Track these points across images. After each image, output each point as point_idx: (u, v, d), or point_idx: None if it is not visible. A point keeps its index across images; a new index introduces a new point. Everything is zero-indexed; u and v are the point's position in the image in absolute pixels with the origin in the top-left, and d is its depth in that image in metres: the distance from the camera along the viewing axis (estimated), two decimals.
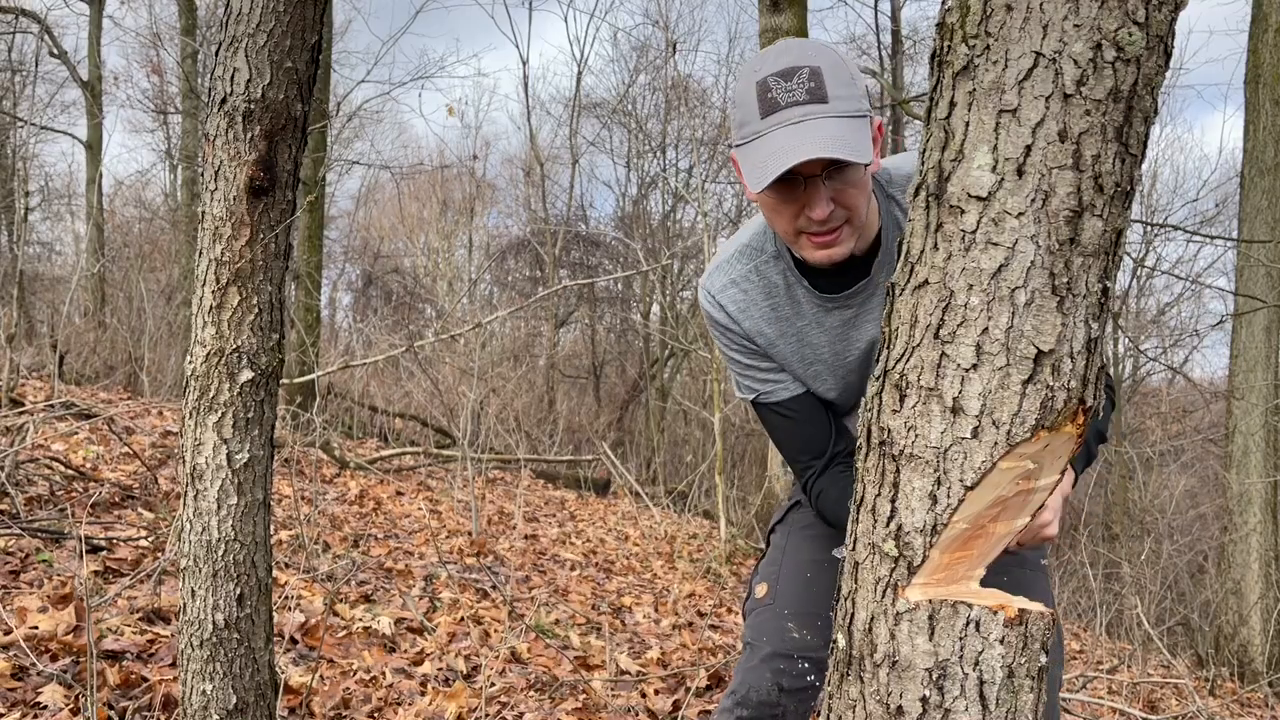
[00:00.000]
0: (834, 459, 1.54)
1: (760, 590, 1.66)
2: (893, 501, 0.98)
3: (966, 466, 0.93)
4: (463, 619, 3.59)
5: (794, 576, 1.63)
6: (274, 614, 1.97)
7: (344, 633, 3.18)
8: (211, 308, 1.75)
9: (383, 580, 3.95)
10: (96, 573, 3.10)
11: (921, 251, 0.94)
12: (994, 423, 0.92)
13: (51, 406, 5.14)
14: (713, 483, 7.86)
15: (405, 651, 3.16)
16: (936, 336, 0.93)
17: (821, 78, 1.29)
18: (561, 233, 15.04)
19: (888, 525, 0.98)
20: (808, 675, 1.52)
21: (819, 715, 1.14)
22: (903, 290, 0.97)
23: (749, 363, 1.55)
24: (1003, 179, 0.88)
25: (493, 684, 2.97)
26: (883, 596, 0.98)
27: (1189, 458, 13.17)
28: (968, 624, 0.95)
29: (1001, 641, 0.95)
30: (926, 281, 0.94)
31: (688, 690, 3.21)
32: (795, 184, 1.31)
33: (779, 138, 1.27)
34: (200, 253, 1.77)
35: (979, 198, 0.89)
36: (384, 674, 2.87)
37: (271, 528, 2.06)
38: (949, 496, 0.94)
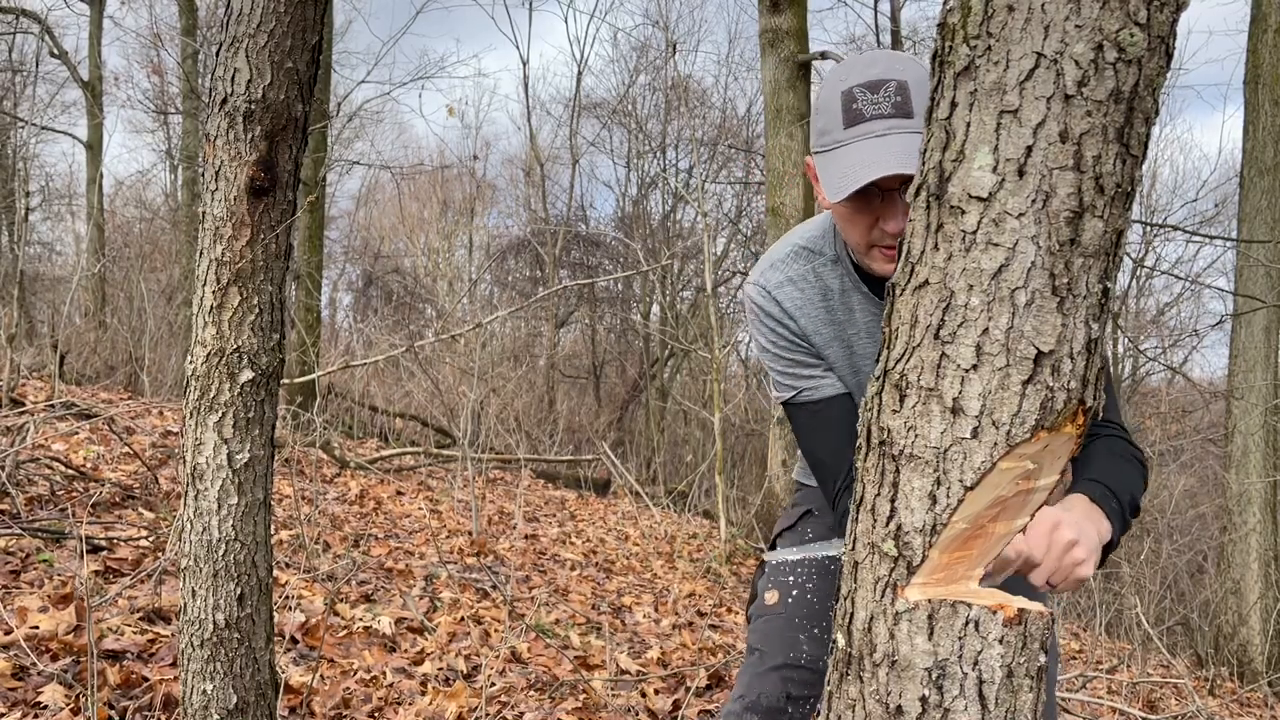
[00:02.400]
0: None
1: (771, 598, 1.65)
2: (892, 501, 0.98)
3: (966, 467, 0.93)
4: (463, 619, 3.59)
5: (802, 593, 1.64)
6: (274, 614, 1.97)
7: (344, 632, 3.19)
8: (212, 308, 1.75)
9: (383, 580, 3.95)
10: (97, 572, 3.10)
11: (922, 252, 0.94)
12: (994, 423, 0.92)
13: (52, 406, 5.14)
14: (713, 483, 7.86)
15: (405, 651, 3.16)
16: (937, 337, 0.93)
17: (908, 92, 1.30)
18: (561, 233, 15.04)
19: (887, 525, 0.98)
20: (811, 684, 1.55)
21: (818, 715, 1.14)
22: (903, 290, 0.97)
23: (793, 358, 1.52)
24: (1003, 179, 0.88)
25: (493, 684, 2.97)
26: (882, 596, 0.98)
27: (1188, 458, 13.16)
28: (967, 624, 0.95)
29: (1001, 641, 0.95)
30: (927, 282, 0.94)
31: (688, 690, 3.21)
32: (872, 196, 1.33)
33: (862, 150, 1.29)
34: (201, 253, 1.77)
35: (980, 198, 0.89)
36: (384, 674, 2.87)
37: (272, 527, 2.06)
38: (948, 496, 0.94)
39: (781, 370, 1.54)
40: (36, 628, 2.51)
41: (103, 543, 3.37)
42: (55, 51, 13.59)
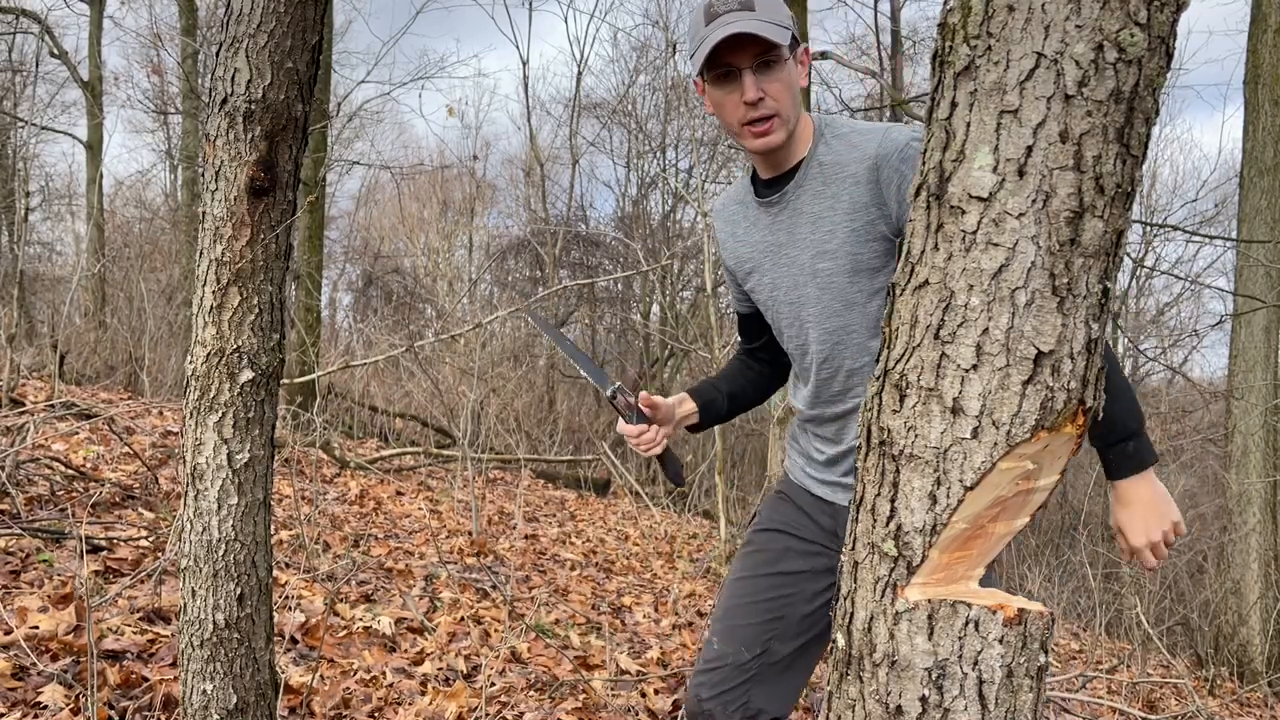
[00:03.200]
0: (740, 355, 2.01)
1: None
2: (892, 501, 0.98)
3: (966, 467, 0.93)
4: (463, 619, 3.59)
5: (724, 593, 1.86)
6: (274, 614, 1.97)
7: (344, 632, 3.19)
8: (212, 308, 1.75)
9: (383, 580, 3.95)
10: (97, 573, 3.10)
11: (922, 252, 0.94)
12: (994, 423, 0.92)
13: (52, 406, 5.14)
14: (713, 483, 7.86)
15: (405, 651, 3.16)
16: (937, 337, 0.93)
17: (752, 1, 1.61)
18: (561, 233, 15.04)
19: (887, 525, 0.98)
20: (724, 682, 1.76)
21: (816, 715, 1.14)
22: (903, 290, 0.97)
23: (730, 280, 1.90)
24: (1004, 179, 0.88)
25: (493, 684, 2.97)
26: (882, 596, 0.98)
27: (1188, 458, 13.16)
28: (967, 624, 0.95)
29: (1000, 641, 0.95)
30: (927, 282, 0.94)
31: (688, 690, 3.21)
32: (732, 77, 1.61)
33: (716, 33, 1.58)
34: (201, 253, 1.77)
35: (980, 198, 0.89)
36: (384, 674, 2.87)
37: (272, 527, 2.06)
38: (948, 497, 0.94)
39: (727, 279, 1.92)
40: (36, 628, 2.51)
41: (103, 543, 3.37)
42: (55, 51, 13.60)
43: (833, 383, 1.71)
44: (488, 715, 2.71)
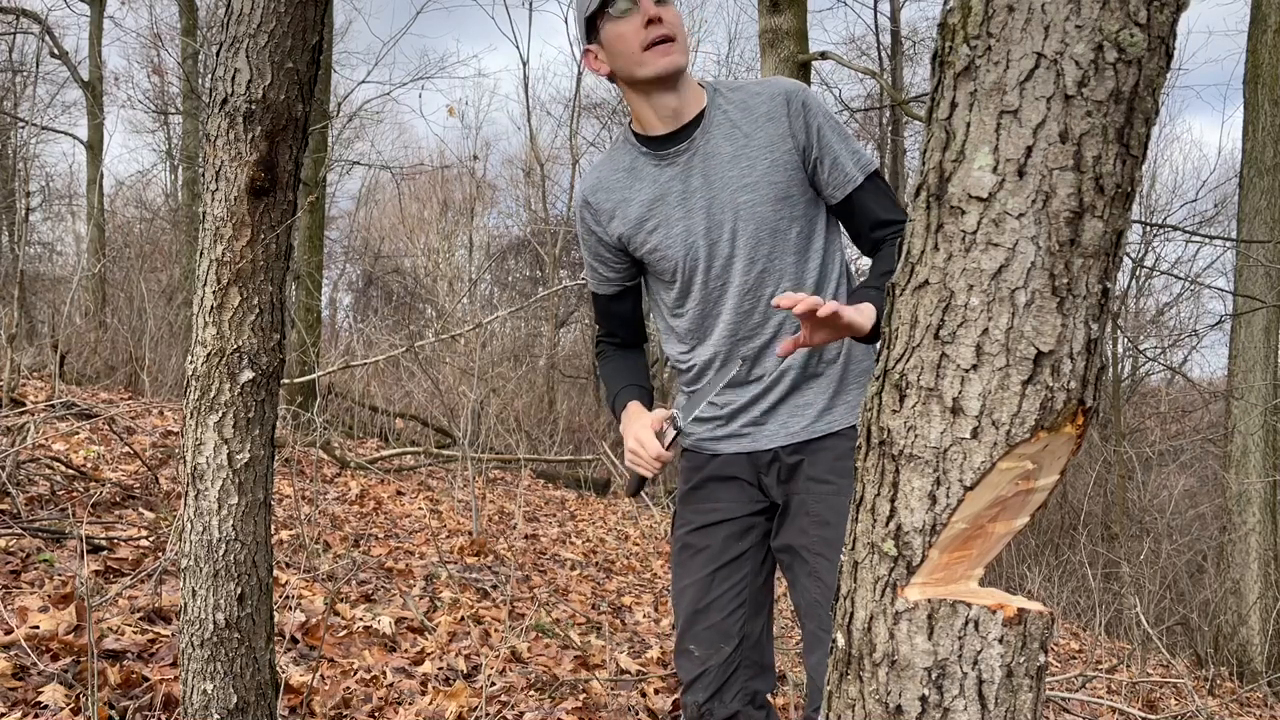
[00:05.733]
0: (618, 345, 2.01)
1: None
2: (892, 501, 0.98)
3: (966, 467, 0.93)
4: (463, 618, 3.59)
5: (681, 601, 1.86)
6: (275, 613, 1.97)
7: (344, 632, 3.19)
8: (212, 308, 1.75)
9: (383, 580, 3.95)
10: (97, 572, 3.10)
11: (922, 252, 0.94)
12: (994, 423, 0.92)
13: (52, 406, 5.14)
14: None
15: (406, 651, 3.16)
16: (936, 337, 0.93)
17: None
18: (561, 233, 15.04)
19: (887, 525, 0.98)
20: (716, 682, 1.79)
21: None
22: (903, 290, 0.97)
23: (590, 259, 1.92)
24: (1003, 180, 0.88)
25: (493, 683, 2.97)
26: (881, 596, 0.99)
27: (1188, 458, 13.17)
28: (966, 623, 0.95)
29: (1000, 641, 0.95)
30: (927, 282, 0.94)
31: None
32: (631, 10, 1.67)
33: None
34: (201, 253, 1.77)
35: (980, 198, 0.90)
36: (384, 673, 2.87)
37: (272, 527, 2.06)
38: (948, 496, 0.95)
39: (586, 265, 1.95)
40: (37, 628, 2.51)
41: (103, 543, 3.37)
42: (55, 52, 13.60)
43: (753, 314, 1.77)
44: (488, 715, 2.71)
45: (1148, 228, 13.70)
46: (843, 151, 1.73)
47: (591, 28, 1.75)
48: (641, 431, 1.74)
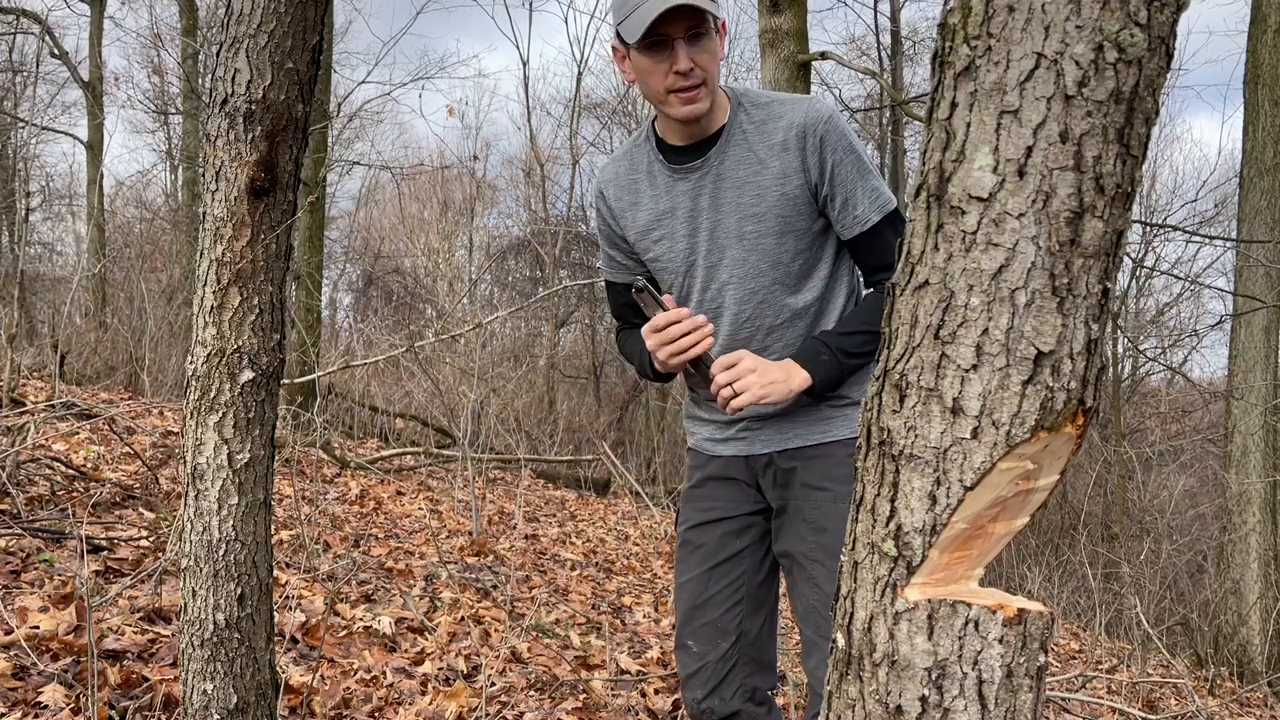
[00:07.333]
0: (637, 326, 1.94)
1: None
2: (892, 501, 0.98)
3: (966, 467, 0.93)
4: (463, 619, 3.59)
5: (680, 597, 1.88)
6: (275, 614, 1.97)
7: (344, 632, 3.19)
8: (212, 308, 1.75)
9: (383, 580, 3.95)
10: (97, 572, 3.10)
11: (922, 252, 0.94)
12: (994, 423, 0.92)
13: (52, 406, 5.14)
14: None
15: (406, 651, 3.16)
16: (937, 337, 0.93)
17: None
18: (561, 233, 15.05)
19: (887, 525, 0.98)
20: (714, 678, 1.81)
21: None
22: (903, 290, 0.97)
23: (607, 249, 1.92)
24: (1004, 180, 0.88)
25: (493, 683, 2.97)
26: (881, 596, 0.99)
27: (1188, 458, 13.17)
28: (966, 623, 0.95)
29: (1000, 641, 0.95)
30: (927, 282, 0.94)
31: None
32: (664, 47, 1.63)
33: (656, 5, 1.59)
34: (201, 253, 1.77)
35: (980, 199, 0.90)
36: (384, 673, 2.87)
37: (272, 527, 2.06)
38: (948, 497, 0.95)
39: (602, 252, 1.95)
40: (37, 628, 2.51)
41: (103, 543, 3.37)
42: (55, 52, 13.60)
43: (750, 341, 1.77)
44: (488, 715, 2.71)
45: (1148, 228, 13.71)
46: (858, 190, 1.68)
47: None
48: (659, 320, 1.65)
